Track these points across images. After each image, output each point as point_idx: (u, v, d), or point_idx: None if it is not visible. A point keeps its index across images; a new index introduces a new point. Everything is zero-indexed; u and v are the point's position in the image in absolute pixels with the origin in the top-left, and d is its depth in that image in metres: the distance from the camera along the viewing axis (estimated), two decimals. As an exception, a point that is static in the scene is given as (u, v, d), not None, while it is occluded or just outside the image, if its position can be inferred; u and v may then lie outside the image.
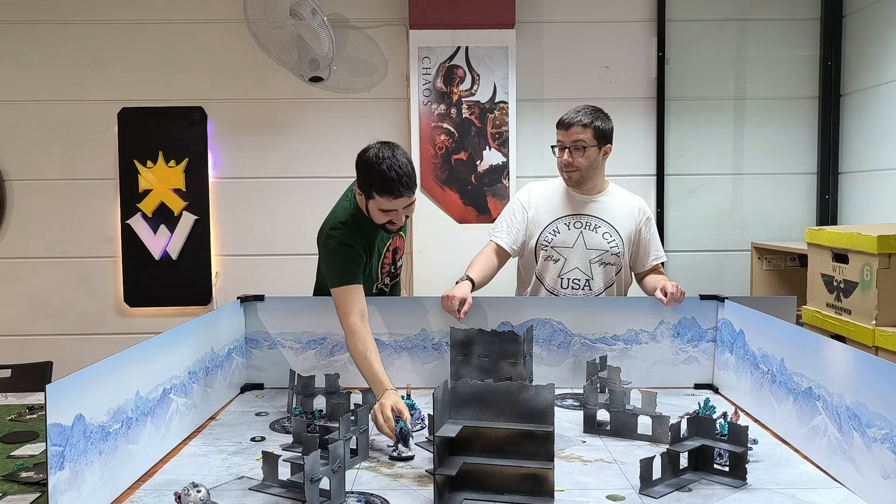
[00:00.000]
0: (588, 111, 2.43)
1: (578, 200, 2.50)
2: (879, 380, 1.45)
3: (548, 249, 2.47)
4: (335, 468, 1.44)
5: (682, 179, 3.77)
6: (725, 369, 2.21)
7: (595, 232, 2.46)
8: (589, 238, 2.45)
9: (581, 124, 2.39)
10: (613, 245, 2.45)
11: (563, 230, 2.47)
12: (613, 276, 2.47)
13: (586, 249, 2.45)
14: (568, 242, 2.46)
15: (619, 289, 2.50)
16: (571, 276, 2.46)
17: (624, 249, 2.46)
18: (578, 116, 2.41)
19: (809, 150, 3.75)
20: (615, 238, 2.45)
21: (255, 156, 3.72)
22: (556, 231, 2.47)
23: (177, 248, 3.70)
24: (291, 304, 2.39)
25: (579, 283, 2.45)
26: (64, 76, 3.67)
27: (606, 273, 2.46)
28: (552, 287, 2.48)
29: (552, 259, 2.47)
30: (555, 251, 2.46)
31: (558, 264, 2.46)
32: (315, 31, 3.43)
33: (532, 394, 1.50)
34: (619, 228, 2.47)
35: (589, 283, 2.45)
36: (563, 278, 2.46)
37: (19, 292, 3.71)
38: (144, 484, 1.57)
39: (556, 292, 2.47)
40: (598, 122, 2.41)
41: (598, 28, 3.70)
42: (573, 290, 2.46)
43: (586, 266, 2.45)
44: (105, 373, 1.48)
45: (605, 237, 2.45)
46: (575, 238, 2.46)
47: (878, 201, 3.37)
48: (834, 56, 3.64)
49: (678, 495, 1.49)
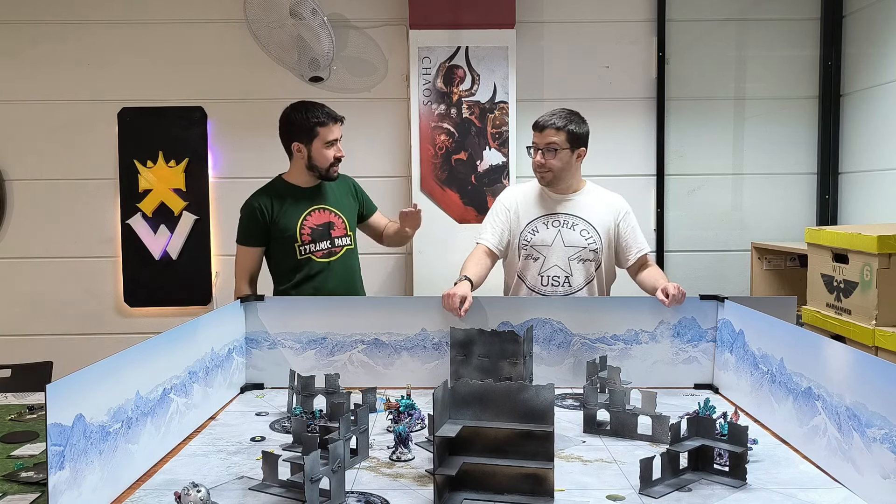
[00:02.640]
0: (563, 114, 2.49)
1: (555, 200, 2.56)
2: (879, 380, 1.45)
3: (528, 248, 2.53)
4: (335, 468, 1.44)
5: (682, 179, 3.77)
6: (725, 369, 2.21)
7: (573, 230, 2.52)
8: (567, 236, 2.51)
9: (554, 127, 2.46)
10: (591, 241, 2.50)
11: (541, 229, 2.53)
12: (593, 272, 2.53)
13: (565, 247, 2.51)
14: (547, 241, 2.52)
15: (601, 284, 2.55)
16: (551, 274, 2.51)
17: (602, 245, 2.52)
18: (552, 119, 2.48)
19: (809, 150, 3.75)
20: (592, 235, 2.51)
21: (255, 156, 3.71)
22: (534, 230, 2.53)
23: (177, 248, 3.70)
24: (291, 304, 2.39)
25: (559, 280, 2.51)
26: (64, 76, 3.67)
27: (586, 269, 2.51)
28: (533, 285, 2.53)
29: (532, 258, 2.53)
30: (534, 250, 2.53)
31: (538, 262, 2.52)
32: (315, 31, 3.43)
33: (532, 394, 1.50)
34: (597, 225, 2.52)
35: (569, 280, 2.51)
36: (543, 276, 2.52)
37: (19, 292, 3.71)
38: (144, 484, 1.57)
39: (537, 290, 2.52)
40: (571, 126, 2.47)
41: (598, 28, 3.70)
42: (553, 288, 2.51)
43: (565, 263, 2.51)
44: (105, 373, 1.48)
45: (582, 234, 2.51)
46: (553, 236, 2.52)
47: (878, 201, 3.37)
48: (834, 56, 3.64)
49: (678, 495, 1.49)
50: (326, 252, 2.65)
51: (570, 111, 2.52)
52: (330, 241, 2.65)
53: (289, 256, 2.63)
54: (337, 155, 2.61)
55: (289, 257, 2.63)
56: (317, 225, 2.64)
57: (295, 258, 2.62)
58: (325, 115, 2.58)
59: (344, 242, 2.69)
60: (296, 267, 2.63)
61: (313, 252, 2.62)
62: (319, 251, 2.64)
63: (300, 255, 2.62)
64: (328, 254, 2.65)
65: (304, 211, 2.64)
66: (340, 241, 2.68)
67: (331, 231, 2.65)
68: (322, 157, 2.60)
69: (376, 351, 2.32)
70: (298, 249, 2.62)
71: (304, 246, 2.62)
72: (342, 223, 2.68)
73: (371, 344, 2.32)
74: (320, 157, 2.60)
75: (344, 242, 2.69)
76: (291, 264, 2.63)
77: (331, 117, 2.59)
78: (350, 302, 2.42)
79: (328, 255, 2.65)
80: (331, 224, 2.65)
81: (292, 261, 2.63)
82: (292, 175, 2.69)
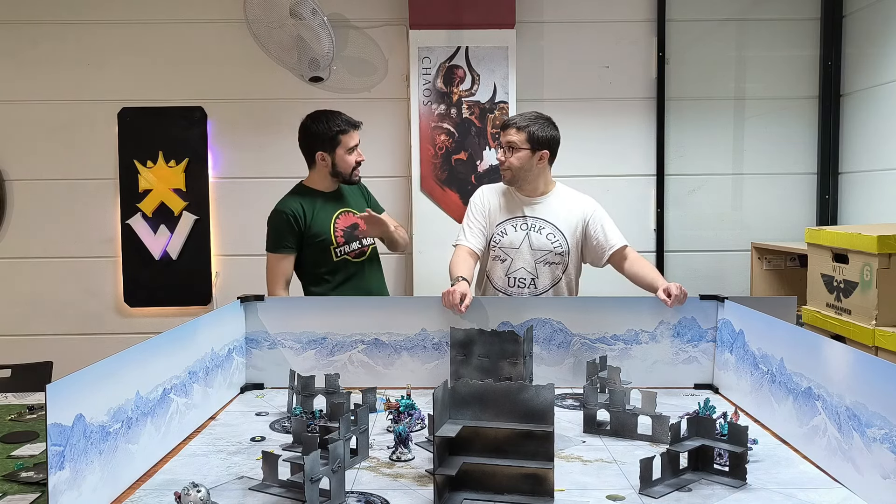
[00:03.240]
0: (529, 116, 2.54)
1: (523, 202, 2.59)
2: (879, 380, 1.45)
3: (496, 250, 2.57)
4: (335, 468, 1.44)
5: (682, 179, 3.77)
6: (725, 369, 2.21)
7: (540, 233, 2.54)
8: (534, 239, 2.54)
9: (516, 126, 2.51)
10: (557, 245, 2.53)
11: (510, 231, 2.56)
12: (560, 275, 2.56)
13: (532, 250, 2.54)
14: (515, 243, 2.55)
15: (569, 285, 2.59)
16: (518, 276, 2.55)
17: (569, 248, 2.54)
18: (516, 119, 2.53)
19: (809, 150, 3.75)
20: (559, 238, 2.54)
21: (255, 156, 3.72)
22: (503, 232, 2.57)
23: (177, 248, 3.70)
24: (291, 304, 2.39)
25: (525, 282, 2.54)
26: (64, 76, 3.67)
27: (552, 271, 2.54)
28: (500, 286, 2.57)
29: (500, 259, 2.57)
30: (502, 252, 2.56)
31: (505, 264, 2.56)
32: (315, 31, 3.43)
33: (532, 394, 1.50)
34: (563, 228, 2.55)
35: (535, 282, 2.54)
36: (510, 277, 2.55)
37: (19, 292, 3.71)
38: (144, 484, 1.57)
39: (504, 291, 2.56)
40: (533, 128, 2.50)
41: (598, 28, 3.70)
42: (519, 289, 2.54)
43: (531, 266, 2.54)
44: (105, 373, 1.48)
45: (548, 238, 2.54)
46: (521, 239, 2.54)
47: (878, 201, 3.37)
48: (834, 56, 3.64)
49: (678, 495, 1.49)
50: (358, 252, 2.70)
51: (540, 115, 2.55)
52: (358, 241, 2.70)
53: (325, 259, 2.65)
54: (358, 159, 2.67)
55: (325, 260, 2.65)
56: (346, 227, 2.69)
57: (331, 260, 2.65)
58: (345, 122, 2.64)
59: (369, 241, 2.75)
60: (334, 269, 2.66)
61: (347, 254, 2.67)
62: (353, 252, 2.69)
63: (336, 257, 2.66)
64: (359, 254, 2.71)
65: (334, 214, 2.68)
66: (366, 240, 2.74)
67: (356, 232, 2.70)
68: (345, 163, 2.65)
69: (376, 351, 2.32)
70: (334, 252, 2.65)
71: (339, 248, 2.66)
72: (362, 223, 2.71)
73: (371, 344, 2.32)
74: (343, 164, 2.65)
75: (369, 241, 2.75)
76: (328, 267, 2.65)
77: (350, 124, 2.65)
78: (350, 302, 2.42)
79: (360, 255, 2.71)
80: (355, 225, 2.70)
81: (329, 264, 2.65)
82: (314, 181, 2.72)
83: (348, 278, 2.67)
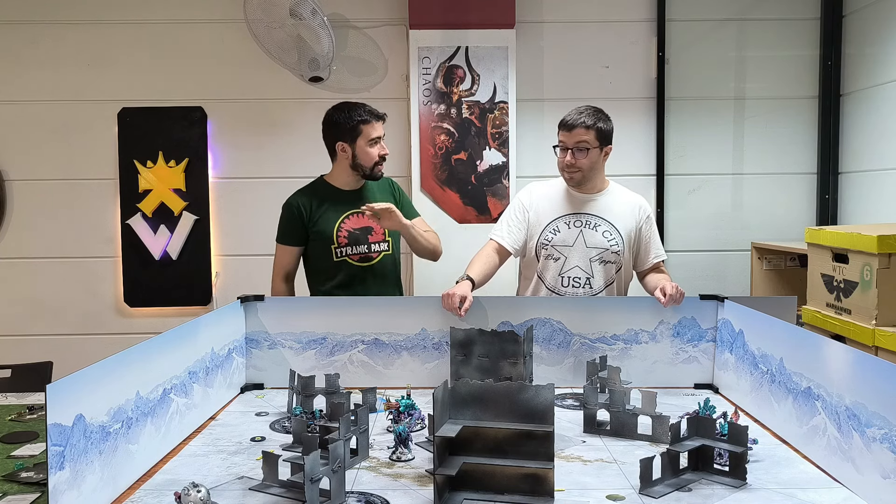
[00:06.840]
0: (590, 112, 2.45)
1: (578, 199, 2.51)
2: (879, 380, 1.45)
3: (548, 248, 2.48)
4: (335, 468, 1.44)
5: (682, 179, 3.77)
6: (725, 369, 2.21)
7: (595, 230, 2.47)
8: (589, 236, 2.47)
9: (584, 126, 2.41)
10: (613, 243, 2.46)
11: (563, 229, 2.48)
12: (614, 274, 2.49)
13: (586, 248, 2.46)
14: (568, 241, 2.47)
15: (620, 286, 2.52)
16: (572, 275, 2.47)
17: (624, 247, 2.48)
18: (582, 118, 2.42)
19: (809, 150, 3.75)
20: (615, 236, 2.47)
21: (255, 156, 3.72)
22: (556, 230, 2.49)
23: (177, 248, 3.70)
24: (291, 304, 2.39)
25: (580, 282, 2.47)
26: (64, 76, 3.67)
27: (607, 271, 2.47)
28: (553, 286, 2.49)
29: (552, 258, 2.48)
30: (555, 250, 2.48)
31: (559, 263, 2.48)
32: (315, 31, 3.43)
33: (532, 394, 1.50)
34: (619, 227, 2.48)
35: (590, 282, 2.46)
36: (563, 276, 2.47)
37: (19, 292, 3.72)
38: (144, 484, 1.57)
39: (557, 291, 2.48)
40: (600, 124, 2.43)
41: (598, 28, 3.70)
42: (574, 289, 2.47)
43: (586, 264, 2.46)
44: (105, 373, 1.48)
45: (605, 235, 2.47)
46: (575, 237, 2.47)
47: (878, 201, 3.37)
48: (834, 56, 3.65)
49: (678, 495, 1.49)
50: (363, 256, 2.62)
51: (596, 108, 2.47)
52: (367, 245, 2.62)
53: (325, 258, 2.62)
54: (381, 153, 2.60)
55: (325, 259, 2.62)
56: (354, 229, 2.61)
57: (331, 260, 2.61)
58: (367, 112, 2.58)
59: (381, 248, 2.65)
60: (331, 269, 2.61)
61: (349, 255, 2.60)
62: (356, 255, 2.61)
63: (336, 258, 2.60)
64: (364, 258, 2.62)
65: (343, 214, 2.62)
66: (378, 246, 2.64)
67: (368, 236, 2.62)
68: (366, 156, 2.58)
69: (376, 351, 2.32)
70: (335, 251, 2.60)
71: (340, 248, 2.60)
72: (381, 228, 2.62)
73: (371, 344, 2.32)
74: (364, 156, 2.58)
75: (381, 248, 2.65)
76: (327, 266, 2.62)
77: (373, 115, 2.59)
78: (350, 302, 2.42)
79: (364, 259, 2.62)
80: (369, 229, 2.62)
81: (328, 262, 2.61)
82: (334, 177, 2.67)
83: (347, 281, 2.61)
